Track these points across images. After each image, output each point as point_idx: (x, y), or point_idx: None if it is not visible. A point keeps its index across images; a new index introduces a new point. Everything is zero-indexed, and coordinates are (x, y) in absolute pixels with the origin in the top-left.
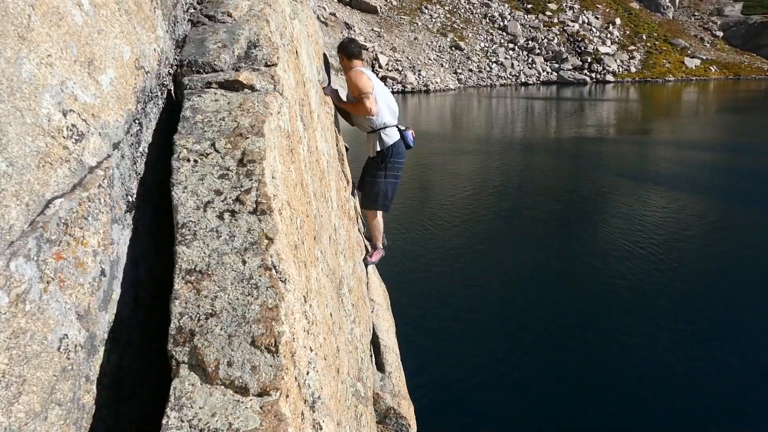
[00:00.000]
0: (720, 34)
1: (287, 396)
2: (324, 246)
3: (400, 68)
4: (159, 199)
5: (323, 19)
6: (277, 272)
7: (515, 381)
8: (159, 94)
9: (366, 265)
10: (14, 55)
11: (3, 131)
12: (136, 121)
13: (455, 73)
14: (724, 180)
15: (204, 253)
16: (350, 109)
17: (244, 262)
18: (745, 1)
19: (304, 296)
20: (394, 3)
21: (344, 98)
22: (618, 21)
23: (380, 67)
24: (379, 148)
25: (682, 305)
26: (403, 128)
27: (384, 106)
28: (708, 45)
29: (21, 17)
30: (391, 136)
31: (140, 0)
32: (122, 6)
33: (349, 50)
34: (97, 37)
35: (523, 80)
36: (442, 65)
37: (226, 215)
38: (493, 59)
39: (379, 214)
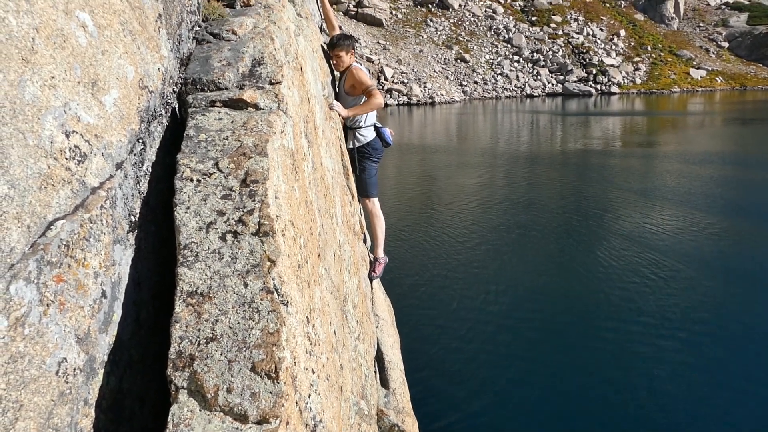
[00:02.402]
0: (725, 44)
1: (287, 423)
2: (328, 263)
3: (406, 80)
4: (163, 219)
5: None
6: (279, 295)
7: (522, 398)
8: (163, 112)
9: (371, 280)
10: (18, 77)
11: (5, 154)
12: (140, 141)
13: (460, 85)
14: (732, 194)
15: (206, 275)
16: (362, 111)
17: (245, 285)
18: (750, 11)
19: (306, 317)
20: (400, 16)
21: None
22: (623, 33)
23: (386, 79)
24: (350, 146)
25: (688, 319)
26: (379, 126)
27: None
28: (713, 56)
29: (25, 40)
30: (367, 136)
31: (145, 20)
32: (126, 27)
33: (351, 47)
34: (101, 57)
35: (528, 92)
36: (447, 77)
37: (229, 237)
38: (498, 71)
39: (382, 221)
